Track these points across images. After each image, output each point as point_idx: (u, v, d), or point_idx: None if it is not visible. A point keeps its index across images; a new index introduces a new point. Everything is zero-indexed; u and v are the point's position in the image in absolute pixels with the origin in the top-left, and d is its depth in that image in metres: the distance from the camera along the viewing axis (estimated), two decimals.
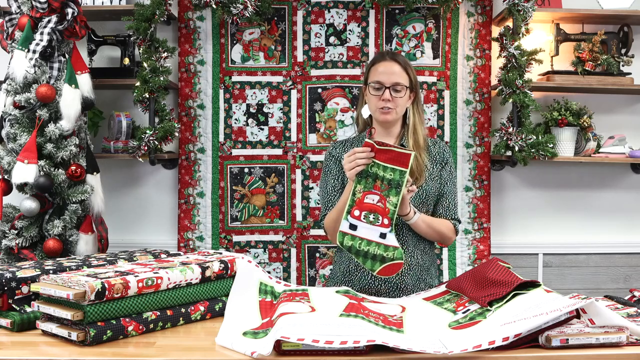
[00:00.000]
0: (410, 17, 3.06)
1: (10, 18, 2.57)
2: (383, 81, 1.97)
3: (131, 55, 2.97)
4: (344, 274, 2.06)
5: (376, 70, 2.00)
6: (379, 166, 1.73)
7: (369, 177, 1.74)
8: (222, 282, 1.65)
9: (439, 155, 2.08)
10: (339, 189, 2.06)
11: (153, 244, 2.92)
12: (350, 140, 2.15)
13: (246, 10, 2.86)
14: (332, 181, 2.08)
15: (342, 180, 2.07)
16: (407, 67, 2.02)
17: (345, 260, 2.06)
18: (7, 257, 2.46)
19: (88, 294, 1.32)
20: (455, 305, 1.55)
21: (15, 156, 2.43)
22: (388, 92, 1.96)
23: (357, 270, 2.03)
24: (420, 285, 2.02)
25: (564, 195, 3.22)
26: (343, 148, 2.11)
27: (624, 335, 1.32)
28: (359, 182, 1.75)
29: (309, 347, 1.26)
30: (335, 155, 2.10)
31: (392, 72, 1.98)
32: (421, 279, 2.04)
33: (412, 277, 2.02)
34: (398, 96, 1.98)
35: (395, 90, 1.97)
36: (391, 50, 2.06)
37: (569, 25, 3.09)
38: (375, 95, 1.98)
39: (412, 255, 2.01)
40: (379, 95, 1.97)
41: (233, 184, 3.06)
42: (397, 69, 1.99)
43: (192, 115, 3.05)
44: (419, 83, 2.08)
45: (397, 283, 1.99)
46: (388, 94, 1.96)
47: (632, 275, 3.22)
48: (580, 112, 3.00)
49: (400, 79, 1.98)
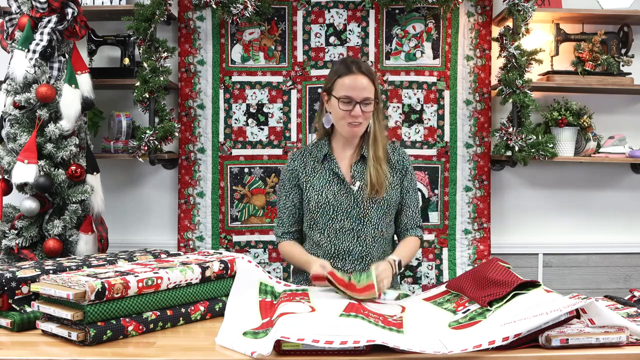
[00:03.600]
0: (410, 17, 3.06)
1: (10, 18, 2.57)
2: (353, 97, 1.94)
3: (131, 55, 2.97)
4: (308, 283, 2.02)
5: (344, 84, 1.96)
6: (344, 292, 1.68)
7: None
8: (222, 282, 1.65)
9: (399, 164, 2.07)
10: (289, 206, 2.09)
11: (153, 244, 2.92)
12: (309, 149, 2.12)
13: (246, 10, 2.86)
14: (284, 197, 2.10)
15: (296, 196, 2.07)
16: (374, 78, 1.99)
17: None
18: (7, 257, 2.46)
19: (88, 294, 1.32)
20: (455, 305, 1.55)
21: (15, 156, 2.43)
22: (358, 107, 1.94)
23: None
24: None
25: (564, 195, 3.22)
26: (302, 159, 2.10)
27: (624, 335, 1.32)
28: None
29: (309, 347, 1.26)
30: (293, 168, 2.09)
31: (362, 88, 1.95)
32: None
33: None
34: (367, 110, 1.96)
35: (365, 105, 1.95)
36: (355, 60, 2.03)
37: (569, 25, 3.09)
38: (344, 110, 1.95)
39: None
40: (348, 110, 1.95)
41: (233, 184, 3.06)
42: (366, 83, 1.96)
43: (192, 115, 3.05)
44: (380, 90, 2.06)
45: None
46: (359, 109, 1.94)
47: (632, 275, 3.22)
48: (580, 112, 3.00)
49: (369, 93, 1.96)
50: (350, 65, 2.00)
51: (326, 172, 2.02)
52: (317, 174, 2.02)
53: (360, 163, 2.03)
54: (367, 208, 1.98)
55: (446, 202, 3.05)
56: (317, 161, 2.06)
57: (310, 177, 2.04)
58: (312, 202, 2.01)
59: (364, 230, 1.98)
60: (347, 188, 1.99)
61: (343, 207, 1.98)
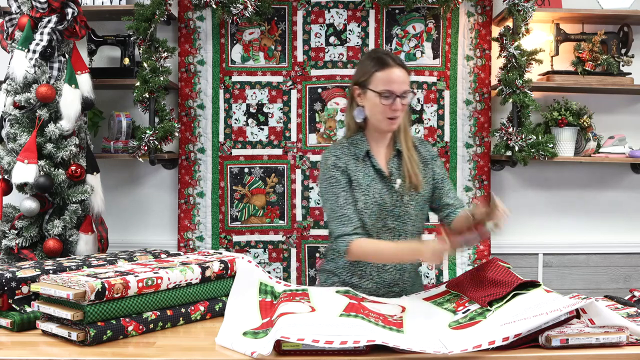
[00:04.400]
0: (410, 17, 3.06)
1: (10, 18, 2.57)
2: (394, 90, 1.88)
3: (131, 55, 2.97)
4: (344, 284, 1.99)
5: (384, 78, 1.89)
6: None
7: None
8: (222, 282, 1.65)
9: (428, 154, 2.04)
10: (351, 201, 1.92)
11: (153, 244, 2.92)
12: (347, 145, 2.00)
13: (246, 10, 2.86)
14: (343, 194, 1.92)
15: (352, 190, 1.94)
16: (407, 69, 1.96)
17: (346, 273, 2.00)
18: (7, 257, 2.46)
19: (88, 294, 1.32)
20: (455, 305, 1.55)
21: (15, 156, 2.43)
22: (399, 100, 1.89)
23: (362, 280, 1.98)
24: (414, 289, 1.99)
25: (564, 195, 3.22)
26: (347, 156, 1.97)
27: (624, 335, 1.32)
28: None
29: (309, 347, 1.26)
30: (341, 164, 1.96)
31: (401, 81, 1.90)
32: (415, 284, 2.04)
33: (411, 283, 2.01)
34: (405, 103, 1.91)
35: (403, 97, 1.90)
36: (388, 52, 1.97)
37: (569, 25, 3.09)
38: (384, 105, 1.89)
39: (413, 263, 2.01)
40: (389, 104, 1.88)
41: (233, 184, 3.06)
42: (404, 76, 1.91)
43: (192, 115, 3.05)
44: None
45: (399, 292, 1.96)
46: (399, 103, 1.89)
47: (632, 275, 3.22)
48: (580, 112, 3.00)
49: (407, 85, 1.92)
50: (386, 58, 1.94)
51: (369, 170, 1.96)
52: (361, 172, 1.95)
53: (396, 159, 1.98)
54: (407, 205, 1.94)
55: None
56: (358, 158, 1.97)
57: (357, 175, 1.95)
58: (361, 203, 1.92)
59: (403, 228, 1.94)
60: (390, 185, 1.95)
61: (388, 206, 1.93)
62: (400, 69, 1.92)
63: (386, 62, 1.92)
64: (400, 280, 1.98)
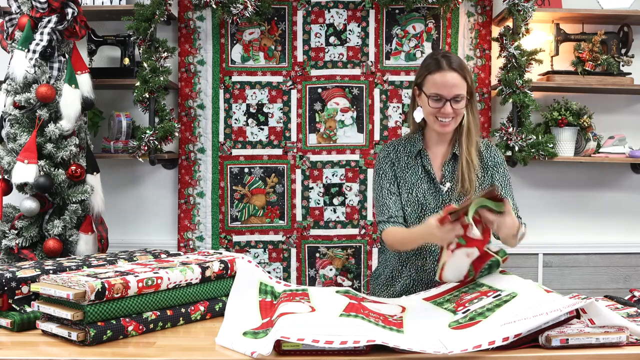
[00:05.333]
0: (410, 17, 3.06)
1: (10, 18, 2.57)
2: (443, 94, 1.86)
3: (131, 55, 2.97)
4: (387, 277, 2.04)
5: (435, 81, 1.87)
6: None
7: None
8: (222, 282, 1.65)
9: (491, 160, 1.99)
10: (395, 192, 1.96)
11: (153, 244, 2.92)
12: (402, 142, 2.03)
13: (246, 10, 2.86)
14: (387, 185, 1.97)
15: (397, 184, 1.97)
16: (466, 73, 1.90)
17: (390, 266, 2.04)
18: (7, 257, 2.46)
19: (88, 294, 1.32)
20: (455, 305, 1.55)
21: (15, 156, 2.43)
22: (449, 105, 1.86)
23: (402, 276, 2.00)
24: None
25: (564, 195, 3.22)
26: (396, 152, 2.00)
27: (624, 335, 1.32)
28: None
29: (309, 347, 1.26)
30: (391, 159, 1.99)
31: (453, 85, 1.86)
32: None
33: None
34: (458, 107, 1.88)
35: (456, 102, 1.87)
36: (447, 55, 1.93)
37: (569, 25, 3.09)
38: (434, 108, 1.88)
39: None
40: (438, 107, 1.87)
41: (233, 184, 3.06)
42: (457, 79, 1.87)
43: (192, 115, 3.05)
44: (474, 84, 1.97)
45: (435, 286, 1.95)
46: (449, 107, 1.86)
47: (632, 275, 3.22)
48: (580, 112, 3.00)
49: (461, 89, 1.87)
50: (441, 60, 1.91)
51: (419, 168, 1.96)
52: (410, 169, 1.96)
53: (452, 162, 1.96)
54: None
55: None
56: (410, 156, 1.98)
57: (404, 171, 1.97)
58: (403, 198, 1.95)
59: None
60: (437, 187, 1.94)
61: (431, 207, 1.93)
62: (453, 72, 1.87)
63: (439, 65, 1.89)
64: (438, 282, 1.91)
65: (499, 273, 1.69)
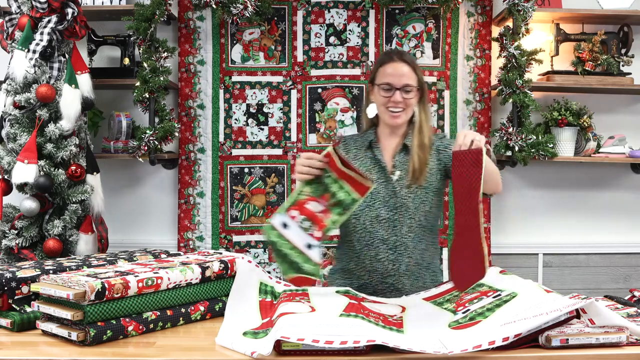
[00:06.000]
0: (410, 17, 3.06)
1: (10, 18, 2.57)
2: (393, 83, 1.95)
3: (131, 55, 2.97)
4: (344, 271, 2.06)
5: (385, 72, 1.98)
6: (336, 181, 1.69)
7: (321, 185, 1.69)
8: (222, 282, 1.65)
9: (441, 144, 2.04)
10: None
11: (153, 244, 2.92)
12: (355, 137, 2.12)
13: (246, 10, 2.86)
14: None
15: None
16: (415, 67, 2.00)
17: (346, 258, 2.05)
18: (7, 257, 2.46)
19: (88, 294, 1.32)
20: (455, 305, 1.55)
21: (15, 156, 2.43)
22: (398, 93, 1.94)
23: (357, 268, 2.02)
24: (417, 284, 2.01)
25: (564, 195, 3.22)
26: (345, 146, 2.08)
27: (624, 335, 1.32)
28: (310, 184, 1.70)
29: (309, 347, 1.26)
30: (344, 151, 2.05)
31: (401, 74, 1.96)
32: (419, 279, 2.03)
33: (410, 277, 2.01)
34: (408, 97, 1.96)
35: (405, 92, 1.95)
36: (398, 50, 2.02)
37: (569, 25, 3.09)
38: (384, 97, 1.96)
39: (411, 256, 1.99)
40: (388, 96, 1.96)
41: (233, 184, 3.06)
42: (407, 70, 1.96)
43: (192, 115, 3.06)
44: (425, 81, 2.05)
45: (394, 283, 1.98)
46: (398, 95, 1.94)
47: (632, 275, 3.22)
48: (580, 112, 3.00)
49: (410, 80, 1.96)
50: (393, 54, 2.02)
51: (368, 160, 2.01)
52: (358, 160, 2.01)
53: (403, 152, 2.01)
54: (404, 198, 1.96)
55: (446, 202, 3.05)
56: (360, 148, 2.05)
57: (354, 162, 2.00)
58: None
59: (399, 219, 1.96)
60: (386, 177, 1.98)
61: (380, 196, 1.96)
62: (403, 63, 1.97)
63: (390, 57, 2.00)
64: (394, 272, 1.98)
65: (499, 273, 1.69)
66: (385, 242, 1.97)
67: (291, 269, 1.64)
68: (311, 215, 1.66)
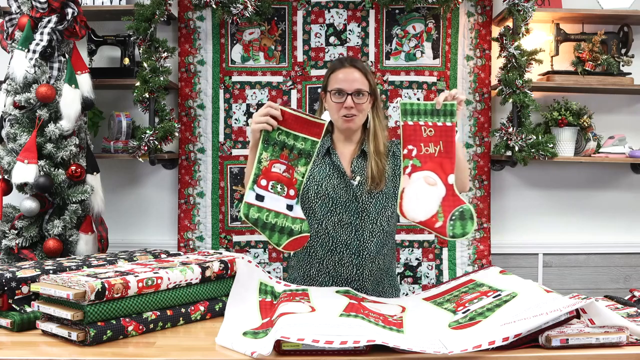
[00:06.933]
0: (410, 17, 3.06)
1: (10, 18, 2.57)
2: (344, 88, 1.95)
3: (131, 55, 2.97)
4: (304, 278, 2.05)
5: (336, 77, 1.98)
6: (288, 134, 1.69)
7: (276, 145, 1.69)
8: (222, 282, 1.65)
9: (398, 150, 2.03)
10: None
11: (153, 244, 2.92)
12: None
13: (246, 10, 2.86)
14: None
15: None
16: (367, 72, 2.00)
17: (306, 265, 2.04)
18: (7, 257, 2.46)
19: (88, 294, 1.32)
20: (455, 305, 1.55)
21: (15, 156, 2.43)
22: (350, 98, 1.95)
23: (319, 274, 2.01)
24: (378, 288, 2.02)
25: (564, 195, 3.22)
26: None
27: (624, 335, 1.32)
28: (265, 149, 1.69)
29: (309, 347, 1.26)
30: None
31: (353, 79, 1.96)
32: (380, 284, 2.03)
33: (372, 281, 2.01)
34: (360, 102, 1.96)
35: (357, 97, 1.96)
36: (350, 57, 2.02)
37: (569, 25, 3.09)
38: (337, 103, 1.97)
39: (374, 261, 2.00)
40: (341, 102, 1.96)
41: (233, 184, 3.06)
42: (358, 76, 1.97)
43: (192, 115, 3.05)
44: (377, 88, 2.07)
45: (356, 288, 1.97)
46: (350, 100, 1.95)
47: (632, 275, 3.22)
48: (580, 112, 3.00)
49: (362, 85, 1.97)
50: (343, 60, 2.04)
51: (327, 166, 2.02)
52: (316, 167, 2.02)
53: (360, 158, 2.03)
54: (365, 202, 1.97)
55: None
56: (317, 155, 2.04)
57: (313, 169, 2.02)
58: (312, 192, 1.99)
59: (362, 224, 1.97)
60: (346, 182, 1.99)
61: (342, 201, 1.97)
62: (354, 69, 1.99)
63: (341, 63, 2.02)
64: (358, 277, 1.98)
65: (499, 273, 1.69)
66: (348, 247, 1.98)
67: (283, 236, 1.66)
68: (279, 178, 1.68)
